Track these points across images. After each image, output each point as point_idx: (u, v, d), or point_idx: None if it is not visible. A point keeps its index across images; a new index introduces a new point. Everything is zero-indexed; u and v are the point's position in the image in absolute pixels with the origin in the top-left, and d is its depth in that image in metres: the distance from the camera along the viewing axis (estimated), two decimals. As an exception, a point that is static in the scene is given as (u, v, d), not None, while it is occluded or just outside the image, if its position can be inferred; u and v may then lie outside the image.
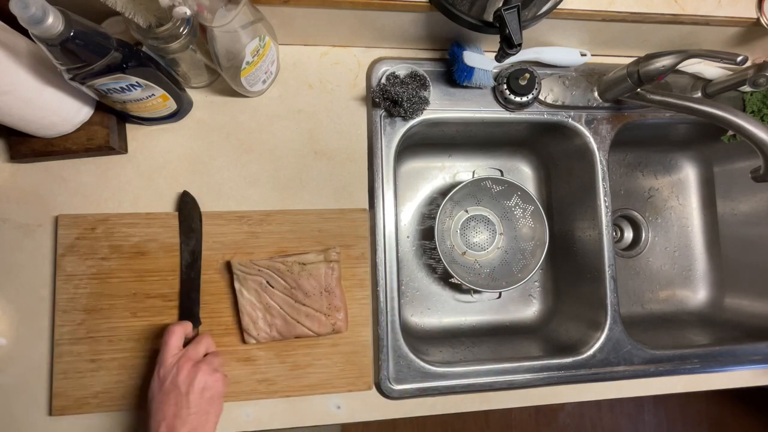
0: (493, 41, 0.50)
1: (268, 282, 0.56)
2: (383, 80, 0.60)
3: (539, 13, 0.51)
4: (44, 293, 0.55)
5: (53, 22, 0.36)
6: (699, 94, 0.69)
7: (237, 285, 0.56)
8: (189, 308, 0.55)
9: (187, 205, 0.57)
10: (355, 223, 0.60)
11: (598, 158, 0.67)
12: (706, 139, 0.83)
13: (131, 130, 0.58)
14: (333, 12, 0.55)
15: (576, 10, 0.56)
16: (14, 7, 0.34)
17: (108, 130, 0.54)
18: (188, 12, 0.42)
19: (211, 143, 0.60)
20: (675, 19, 0.59)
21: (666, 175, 0.88)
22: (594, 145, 0.67)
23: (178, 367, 0.48)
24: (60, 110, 0.50)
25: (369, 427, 0.91)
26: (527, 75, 0.62)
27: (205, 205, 0.59)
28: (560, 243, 0.77)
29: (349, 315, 0.58)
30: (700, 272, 0.86)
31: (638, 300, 0.85)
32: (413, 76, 0.60)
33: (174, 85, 0.53)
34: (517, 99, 0.63)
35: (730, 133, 0.75)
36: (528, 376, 0.62)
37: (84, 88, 0.46)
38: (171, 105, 0.54)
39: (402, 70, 0.61)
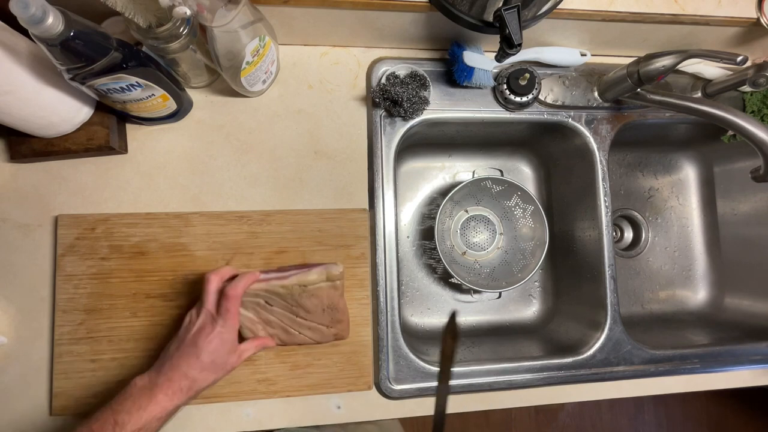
0: (493, 41, 0.50)
1: (266, 302, 0.53)
2: (383, 80, 0.60)
3: (539, 13, 0.51)
4: (44, 293, 0.55)
5: (53, 22, 0.36)
6: (699, 94, 0.69)
7: None
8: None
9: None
10: (355, 223, 0.60)
11: (598, 158, 0.67)
12: (706, 139, 0.83)
13: (131, 130, 0.58)
14: (333, 12, 0.55)
15: (576, 10, 0.56)
16: (14, 7, 0.34)
17: (108, 130, 0.54)
18: (188, 12, 0.42)
19: (211, 143, 0.60)
20: (675, 19, 0.59)
21: (666, 175, 0.88)
22: (594, 145, 0.67)
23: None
24: (60, 110, 0.50)
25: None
26: (527, 75, 0.62)
27: (206, 205, 0.59)
28: (560, 243, 0.77)
29: (349, 315, 0.58)
30: (700, 272, 0.86)
31: (638, 300, 0.85)
32: (413, 76, 0.60)
33: (174, 85, 0.53)
34: (517, 99, 0.63)
35: (730, 133, 0.75)
36: (528, 376, 0.62)
37: (84, 88, 0.46)
38: (171, 105, 0.54)
39: (402, 70, 0.61)
